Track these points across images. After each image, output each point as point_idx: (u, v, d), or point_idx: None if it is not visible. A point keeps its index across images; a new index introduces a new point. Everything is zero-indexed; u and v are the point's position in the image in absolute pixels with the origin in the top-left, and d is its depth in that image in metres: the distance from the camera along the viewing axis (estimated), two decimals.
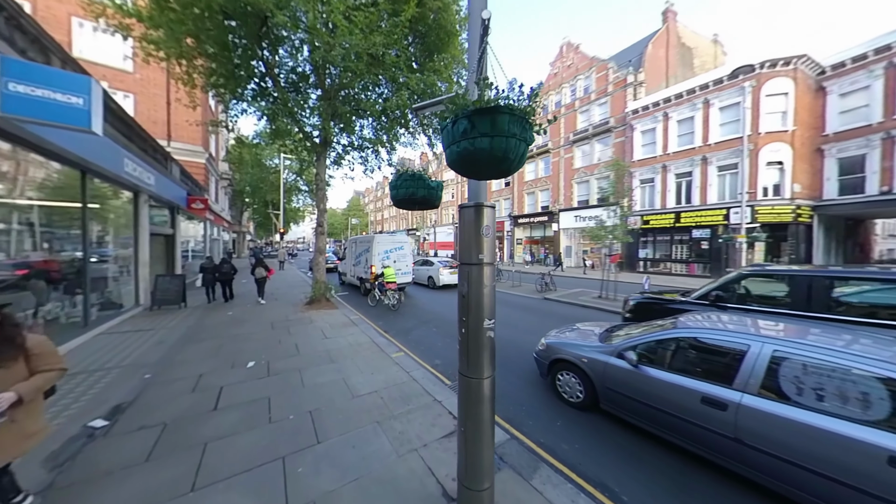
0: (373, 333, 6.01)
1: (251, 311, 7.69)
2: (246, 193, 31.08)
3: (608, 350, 3.28)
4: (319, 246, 8.56)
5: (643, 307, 5.30)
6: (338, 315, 7.43)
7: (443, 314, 8.12)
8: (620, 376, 3.05)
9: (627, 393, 2.99)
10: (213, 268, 9.34)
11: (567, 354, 3.59)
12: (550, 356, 3.78)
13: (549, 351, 3.84)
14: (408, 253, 11.16)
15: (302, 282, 13.96)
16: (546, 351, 3.89)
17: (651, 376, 2.82)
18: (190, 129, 14.73)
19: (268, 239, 58.48)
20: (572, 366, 3.52)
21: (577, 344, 3.67)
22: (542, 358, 3.91)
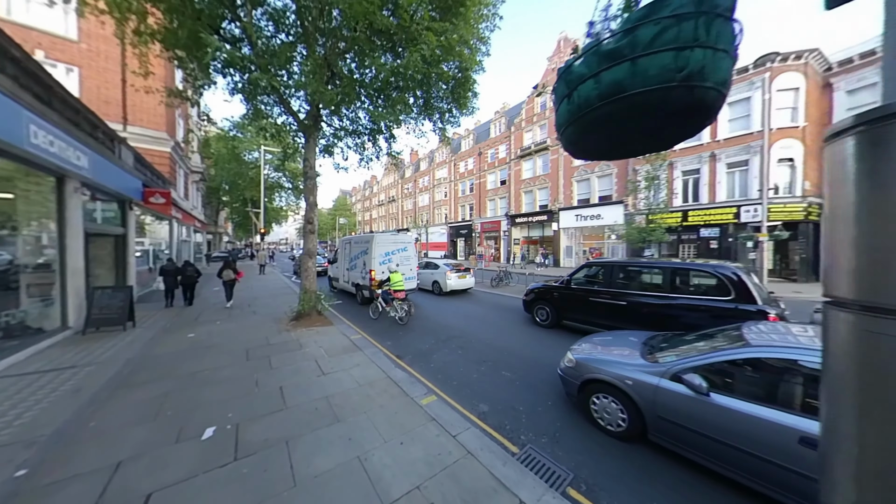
0: (384, 362, 4.57)
1: (220, 331, 6.04)
2: (222, 191, 28.57)
3: (658, 371, 2.79)
4: (309, 247, 7.01)
5: (536, 292, 7.12)
6: (334, 334, 5.92)
7: (460, 328, 6.77)
8: (678, 404, 2.58)
9: (689, 425, 2.51)
10: (175, 270, 8.71)
11: (605, 374, 3.08)
12: (582, 375, 3.26)
13: (581, 369, 3.30)
14: (412, 255, 9.73)
15: (286, 289, 12.21)
16: (576, 369, 3.34)
17: (724, 407, 2.34)
18: (152, 114, 12.68)
19: (247, 240, 55.17)
20: (612, 388, 3.02)
21: (616, 361, 3.15)
22: (571, 377, 3.38)
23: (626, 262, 6.03)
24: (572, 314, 6.36)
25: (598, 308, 5.86)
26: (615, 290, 5.64)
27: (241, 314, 7.69)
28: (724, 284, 4.49)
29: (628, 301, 5.42)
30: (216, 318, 7.15)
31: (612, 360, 3.20)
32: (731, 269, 4.55)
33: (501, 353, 5.31)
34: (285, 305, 8.71)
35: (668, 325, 4.64)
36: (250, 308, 8.43)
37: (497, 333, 6.42)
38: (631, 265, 5.93)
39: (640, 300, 5.29)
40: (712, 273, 4.69)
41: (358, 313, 8.28)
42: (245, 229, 42.37)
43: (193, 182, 18.74)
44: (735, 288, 4.40)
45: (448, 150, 38.13)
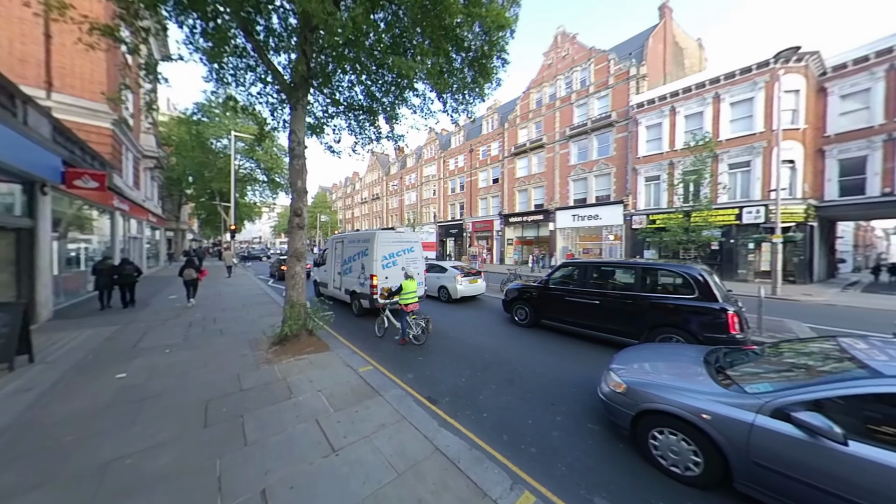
0: (419, 415, 3.11)
1: (168, 366, 4.24)
2: (185, 182, 25.32)
3: (749, 404, 2.22)
4: (296, 248, 5.34)
5: (516, 291, 7.12)
6: (334, 365, 4.34)
7: (494, 348, 5.40)
8: (788, 449, 2.00)
9: (806, 478, 1.92)
10: (111, 269, 7.92)
11: (670, 406, 2.51)
12: (636, 404, 2.70)
13: (634, 396, 2.75)
14: (420, 256, 8.23)
15: (262, 296, 10.24)
16: (627, 396, 2.80)
17: (868, 459, 1.75)
18: (88, 81, 10.20)
19: (216, 238, 50.64)
20: (680, 422, 2.45)
21: (682, 388, 2.59)
22: (620, 405, 2.85)
23: (600, 262, 6.35)
24: (550, 314, 6.41)
25: (575, 307, 5.93)
26: (589, 290, 5.77)
27: (203, 334, 5.84)
28: (689, 283, 4.75)
29: (601, 300, 5.52)
30: (166, 342, 5.27)
31: (675, 385, 2.63)
32: (697, 270, 4.78)
33: (563, 386, 4.01)
34: (263, 319, 6.91)
35: (636, 323, 5.06)
36: (216, 324, 6.56)
37: (541, 354, 5.12)
38: (604, 265, 6.26)
39: (611, 298, 5.45)
40: (679, 273, 4.96)
41: (356, 329, 6.67)
42: (213, 226, 38.53)
43: (146, 169, 15.96)
44: (699, 287, 4.66)
45: (437, 146, 36.68)
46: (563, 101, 23.38)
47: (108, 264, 7.94)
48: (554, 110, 23.91)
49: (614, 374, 3.02)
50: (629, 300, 5.19)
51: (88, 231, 10.57)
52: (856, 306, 9.72)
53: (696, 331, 4.46)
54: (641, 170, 18.84)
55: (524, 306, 6.85)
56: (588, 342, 5.71)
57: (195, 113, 21.43)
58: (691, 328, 4.51)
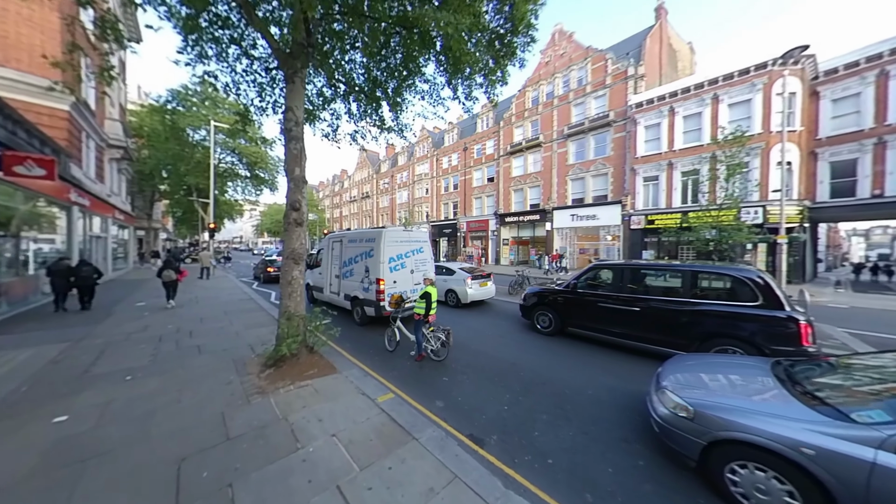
0: (478, 473, 2.35)
1: (127, 403, 3.27)
2: (158, 177, 23.38)
3: (866, 437, 1.82)
4: (293, 248, 4.45)
5: (536, 296, 6.52)
6: (346, 393, 3.51)
7: (529, 364, 4.70)
8: None
9: None
10: (67, 271, 7.34)
11: (756, 435, 2.07)
12: (708, 432, 2.27)
13: (704, 422, 2.31)
14: (429, 258, 7.43)
15: (246, 302, 9.14)
16: (695, 421, 2.36)
17: None
18: (37, 53, 8.78)
19: (193, 238, 47.79)
20: (770, 456, 2.03)
21: (765, 413, 2.16)
22: (686, 431, 2.39)
23: (640, 265, 5.54)
24: (579, 321, 5.78)
25: (609, 314, 5.30)
26: (627, 295, 5.16)
27: (177, 352, 4.83)
28: (750, 289, 4.20)
29: (642, 306, 4.92)
30: (128, 365, 4.26)
31: (756, 409, 2.25)
32: (756, 273, 4.31)
33: (625, 413, 3.36)
34: (250, 332, 5.94)
35: (685, 333, 4.48)
36: (192, 339, 5.53)
37: (583, 371, 4.47)
38: (645, 267, 5.51)
39: (655, 305, 4.82)
40: (737, 277, 4.37)
41: (362, 341, 5.81)
42: (189, 225, 36.08)
43: (112, 160, 14.32)
44: (762, 293, 4.11)
45: (429, 144, 35.86)
46: (561, 100, 23.12)
47: (63, 265, 7.36)
48: (551, 109, 23.62)
49: (673, 395, 2.63)
50: (676, 307, 4.60)
51: (49, 230, 9.21)
52: (865, 307, 9.69)
53: (761, 343, 3.93)
54: (640, 170, 18.75)
55: (547, 312, 6.20)
56: (627, 353, 5.11)
57: (169, 101, 19.71)
58: (755, 340, 3.97)
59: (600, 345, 5.49)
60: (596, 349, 5.36)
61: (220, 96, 20.46)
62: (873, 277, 19.12)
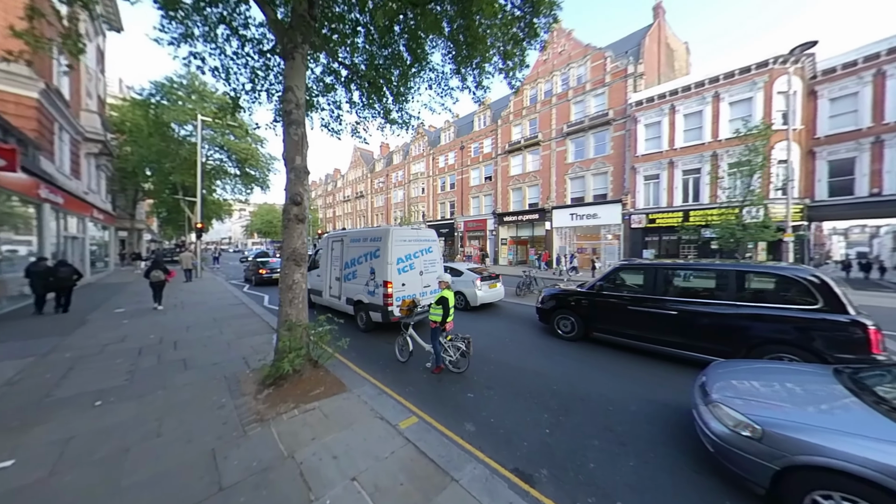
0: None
1: (93, 437, 2.67)
2: (142, 175, 22.25)
3: None
4: (294, 248, 3.88)
5: (556, 298, 6.03)
6: (363, 419, 2.99)
7: (554, 375, 4.25)
8: None
9: None
10: (46, 271, 7.15)
11: (849, 462, 1.78)
12: (782, 455, 1.99)
13: (775, 443, 2.03)
14: (438, 258, 6.93)
15: (237, 306, 8.46)
16: (763, 442, 2.08)
17: None
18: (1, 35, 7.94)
19: (179, 239, 46.14)
20: (869, 487, 1.72)
21: (855, 434, 1.87)
22: (751, 453, 2.11)
23: (677, 265, 5.10)
24: (605, 325, 5.34)
25: (641, 319, 4.87)
26: (663, 298, 4.73)
27: (158, 368, 4.20)
28: (807, 290, 3.80)
29: (680, 310, 4.50)
30: (99, 385, 3.63)
31: (841, 428, 1.94)
32: (810, 272, 3.95)
33: (686, 434, 2.92)
34: (243, 342, 5.33)
35: (732, 339, 4.07)
36: (177, 351, 4.89)
37: (621, 383, 4.04)
38: (683, 268, 5.09)
39: (695, 309, 4.41)
40: (790, 277, 3.99)
41: (369, 350, 5.27)
42: (175, 225, 34.70)
43: (90, 156, 13.34)
44: (822, 294, 3.71)
45: (425, 143, 35.31)
46: (560, 98, 22.90)
47: (42, 266, 7.18)
48: (550, 107, 23.38)
49: (732, 410, 2.33)
50: (721, 311, 4.20)
51: (25, 231, 8.43)
52: (875, 305, 9.59)
53: (823, 350, 3.57)
54: (640, 168, 18.62)
55: (569, 316, 5.78)
56: (659, 360, 4.71)
57: (153, 94, 18.67)
58: (815, 347, 3.61)
59: (628, 351, 5.08)
60: (624, 356, 4.95)
61: (208, 90, 19.52)
62: (865, 275, 19.41)
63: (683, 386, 3.83)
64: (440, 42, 5.89)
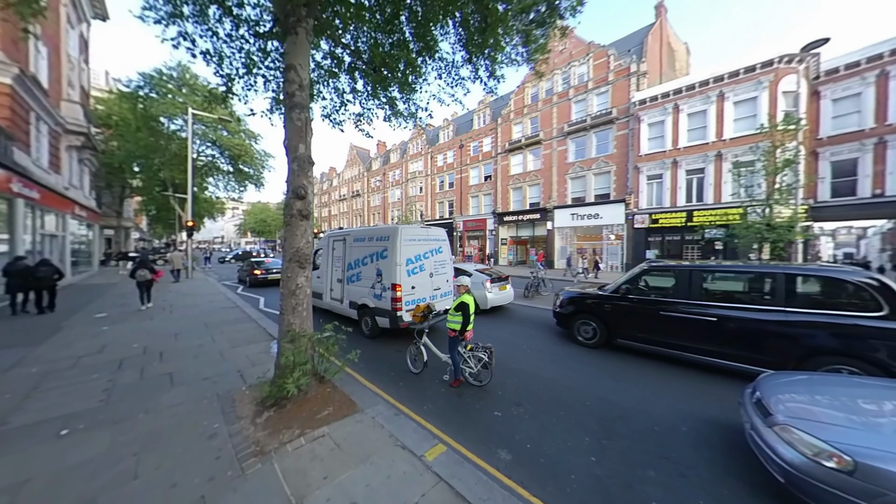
0: None
1: (54, 473, 2.19)
2: (129, 171, 21.38)
3: None
4: (298, 247, 3.40)
5: (575, 302, 5.65)
6: (381, 449, 2.54)
7: (584, 388, 3.86)
8: None
9: None
10: (24, 271, 6.92)
11: None
12: (885, 495, 1.68)
13: (875, 479, 1.72)
14: (448, 259, 6.50)
15: (231, 310, 7.91)
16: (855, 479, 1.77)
17: None
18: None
19: (169, 238, 44.90)
20: None
21: None
22: (844, 490, 1.79)
23: (715, 267, 4.70)
24: (632, 332, 4.95)
25: (675, 325, 4.49)
26: (699, 302, 4.35)
27: (140, 384, 3.69)
28: (870, 295, 3.46)
29: (720, 316, 4.13)
30: (67, 409, 3.12)
31: None
32: (870, 274, 3.61)
33: (745, 457, 2.55)
34: (238, 351, 4.83)
35: (780, 349, 3.72)
36: (162, 363, 4.37)
37: (662, 398, 3.66)
38: (721, 270, 4.70)
39: (737, 315, 4.05)
40: (848, 281, 3.65)
41: (378, 359, 4.81)
42: (165, 224, 33.64)
43: (71, 149, 12.58)
44: (887, 300, 3.37)
45: (423, 141, 34.82)
46: (561, 97, 22.64)
47: (20, 265, 6.96)
48: (551, 105, 23.11)
49: (806, 433, 2.02)
50: (768, 317, 3.85)
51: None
52: None
53: (888, 362, 3.23)
54: (644, 168, 18.44)
55: (590, 321, 5.41)
56: (692, 369, 4.35)
57: (141, 86, 17.88)
58: (878, 358, 3.27)
59: (655, 359, 4.72)
60: (653, 365, 4.59)
61: (199, 83, 18.76)
62: None
63: (729, 399, 3.48)
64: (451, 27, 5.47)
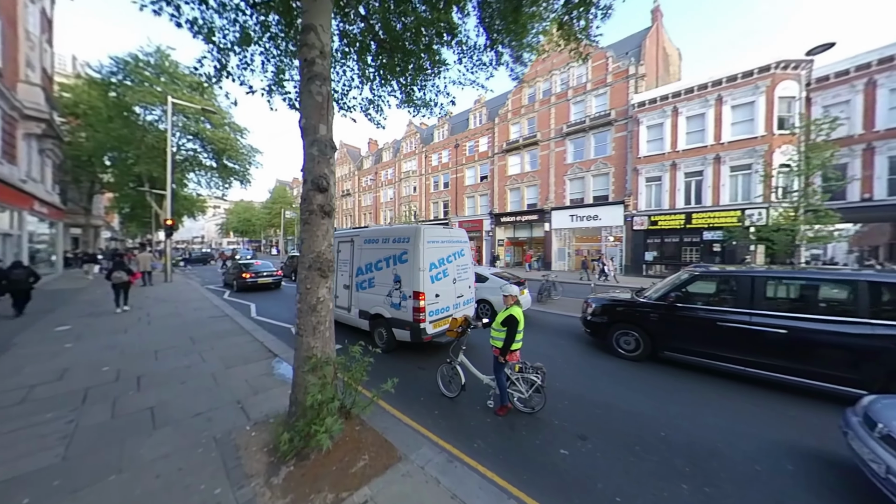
0: None
1: None
2: (100, 164, 19.63)
3: None
4: (317, 251, 2.71)
5: (612, 310, 5.26)
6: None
7: (649, 412, 3.36)
8: None
9: None
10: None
11: None
12: None
13: None
14: (470, 262, 5.90)
15: (220, 320, 7.00)
16: None
17: None
18: None
19: (144, 237, 42.22)
20: None
21: None
22: None
23: (783, 274, 4.34)
24: (683, 344, 4.53)
25: (736, 337, 4.08)
26: (766, 312, 3.95)
27: (113, 428, 2.89)
28: None
29: (791, 328, 3.75)
30: (10, 472, 2.33)
31: None
32: None
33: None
34: (235, 374, 4.06)
35: (868, 365, 3.34)
36: (140, 394, 3.56)
37: (748, 425, 3.20)
38: (791, 278, 4.32)
39: (812, 327, 3.66)
40: None
41: (398, 378, 4.16)
42: (140, 222, 31.43)
43: (30, 137, 11.18)
44: None
45: (417, 140, 34.12)
46: (559, 98, 22.51)
47: None
48: (549, 106, 22.95)
49: None
50: (851, 331, 3.46)
51: None
52: None
53: None
54: (642, 170, 18.47)
55: (632, 331, 4.95)
56: (761, 388, 3.94)
57: (114, 72, 16.37)
58: None
59: (707, 373, 4.30)
60: (708, 381, 4.16)
61: (180, 72, 17.40)
62: None
63: (818, 426, 3.06)
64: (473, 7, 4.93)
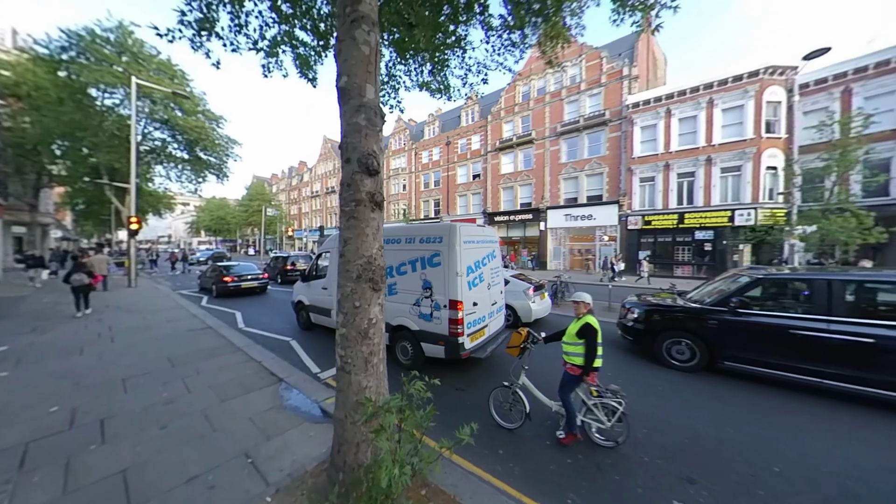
0: None
1: None
2: (47, 154, 17.25)
3: None
4: (366, 255, 1.99)
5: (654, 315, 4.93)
6: None
7: (749, 443, 2.90)
8: None
9: None
10: None
11: None
12: None
13: None
14: (500, 265, 5.28)
15: (201, 333, 5.93)
16: None
17: None
18: None
19: (102, 237, 38.37)
20: None
21: None
22: None
23: (861, 277, 3.93)
24: (748, 354, 4.14)
25: (811, 347, 3.72)
26: (846, 319, 3.62)
27: (64, 503, 2.03)
28: None
29: (878, 337, 3.42)
30: None
31: None
32: None
33: None
34: (234, 409, 3.20)
35: None
36: (105, 446, 2.64)
37: (878, 456, 2.80)
38: (871, 280, 3.90)
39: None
40: None
41: (438, 406, 3.46)
42: (97, 220, 28.35)
43: None
44: None
45: (407, 137, 33.13)
46: (554, 96, 22.42)
47: None
48: (543, 105, 22.81)
49: None
50: None
51: None
52: None
53: None
54: (636, 170, 18.66)
55: (685, 339, 4.53)
56: (845, 403, 3.60)
57: (66, 48, 14.30)
58: None
59: (775, 385, 3.94)
60: (784, 396, 3.79)
61: (146, 52, 15.54)
62: None
63: None
64: None
